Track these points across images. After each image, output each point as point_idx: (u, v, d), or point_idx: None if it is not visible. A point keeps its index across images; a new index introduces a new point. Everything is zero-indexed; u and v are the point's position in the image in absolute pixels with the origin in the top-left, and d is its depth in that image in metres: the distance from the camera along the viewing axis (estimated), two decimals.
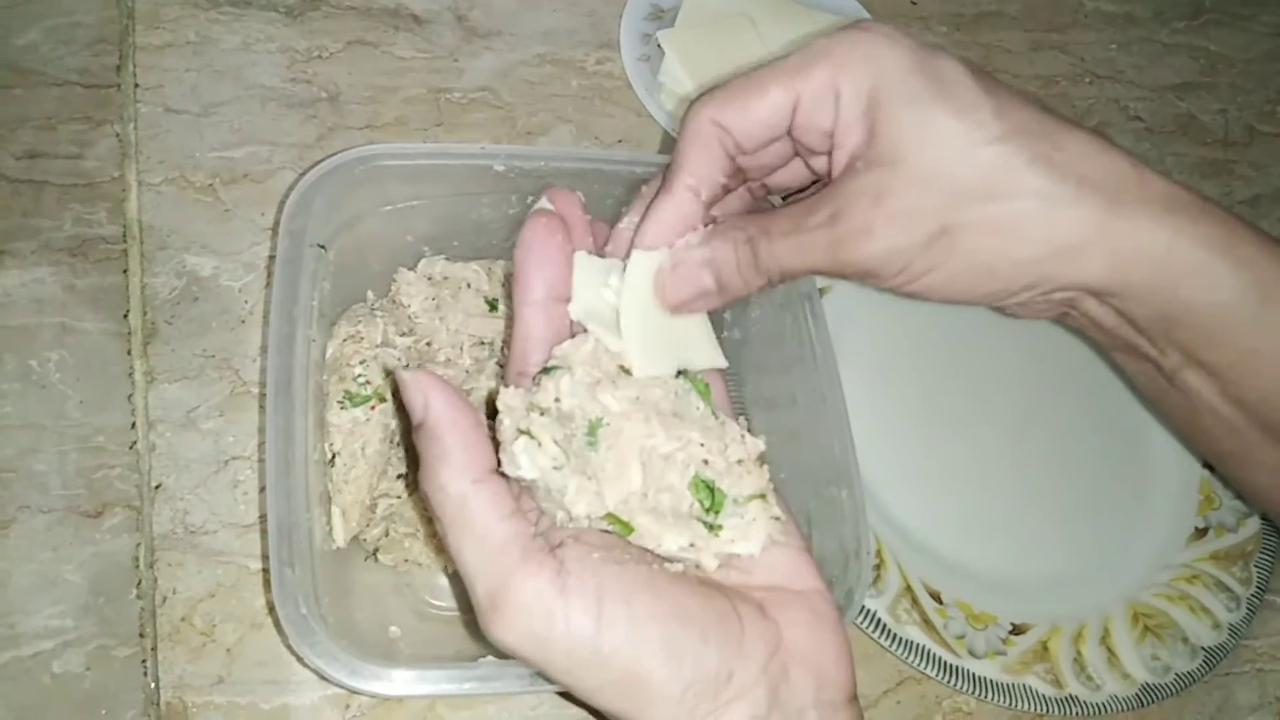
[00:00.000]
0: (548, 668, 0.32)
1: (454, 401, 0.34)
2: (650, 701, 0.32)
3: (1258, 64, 0.86)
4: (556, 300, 0.38)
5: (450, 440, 0.33)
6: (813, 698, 0.34)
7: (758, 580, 0.36)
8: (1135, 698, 0.57)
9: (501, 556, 0.32)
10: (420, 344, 0.53)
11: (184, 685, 0.49)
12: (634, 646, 0.32)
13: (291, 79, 0.64)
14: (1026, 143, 0.36)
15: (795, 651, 0.34)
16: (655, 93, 0.69)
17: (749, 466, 0.36)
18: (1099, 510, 0.63)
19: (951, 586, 0.58)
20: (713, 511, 0.35)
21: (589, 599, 0.32)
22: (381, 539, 0.51)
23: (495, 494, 0.33)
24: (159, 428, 0.53)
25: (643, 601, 0.32)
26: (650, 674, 0.32)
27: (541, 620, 0.31)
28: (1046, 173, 0.36)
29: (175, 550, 0.51)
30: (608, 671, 0.32)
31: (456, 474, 0.33)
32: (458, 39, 0.69)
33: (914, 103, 0.36)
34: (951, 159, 0.36)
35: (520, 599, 0.31)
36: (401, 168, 0.49)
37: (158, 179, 0.59)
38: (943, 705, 0.56)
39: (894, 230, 0.36)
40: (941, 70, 0.36)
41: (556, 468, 0.34)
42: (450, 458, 0.33)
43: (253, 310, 0.57)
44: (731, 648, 0.33)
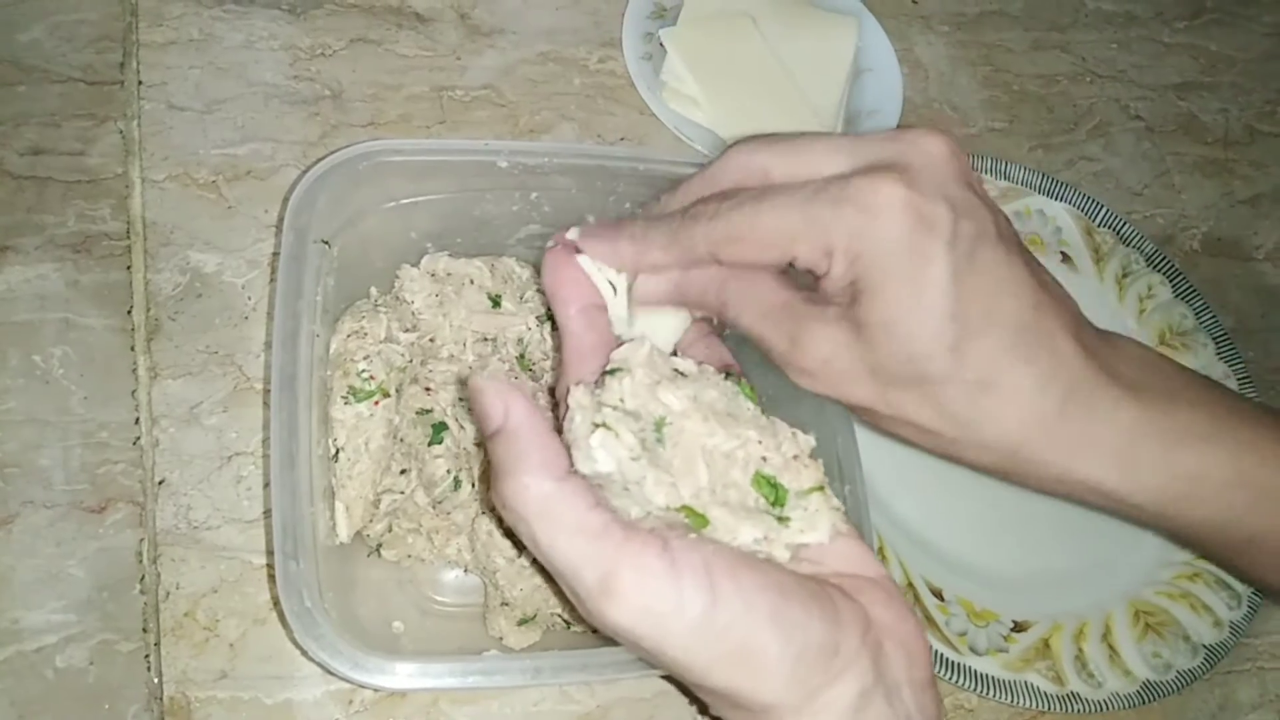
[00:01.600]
0: (664, 645, 0.32)
1: (532, 406, 0.34)
2: (765, 675, 0.32)
3: (1258, 64, 0.87)
4: (595, 309, 0.40)
5: (530, 442, 0.34)
6: (906, 674, 0.35)
7: (830, 569, 0.36)
8: (1136, 695, 0.57)
9: (604, 541, 0.32)
10: (424, 340, 0.53)
11: (187, 680, 0.49)
12: (747, 619, 0.32)
13: (295, 76, 0.64)
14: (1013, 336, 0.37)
15: (884, 629, 0.35)
16: (658, 91, 0.69)
17: (804, 460, 0.37)
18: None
19: (953, 584, 0.58)
20: (778, 505, 0.36)
21: (699, 573, 0.32)
22: (385, 534, 0.51)
23: (580, 488, 0.33)
24: (162, 423, 0.54)
25: (747, 575, 0.32)
26: (764, 646, 0.32)
27: (656, 597, 0.31)
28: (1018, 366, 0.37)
29: (179, 545, 0.51)
30: (723, 645, 0.32)
31: (539, 473, 0.33)
32: (460, 37, 0.69)
33: (903, 283, 0.36)
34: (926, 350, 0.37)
35: (633, 578, 0.31)
36: (405, 164, 0.49)
37: (161, 175, 0.59)
38: (945, 703, 0.56)
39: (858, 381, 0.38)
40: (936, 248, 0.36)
41: (634, 459, 0.35)
42: (530, 458, 0.33)
43: (256, 307, 0.57)
44: (832, 620, 0.33)
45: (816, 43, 0.73)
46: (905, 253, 0.36)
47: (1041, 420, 0.38)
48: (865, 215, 0.36)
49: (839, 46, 0.73)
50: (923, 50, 0.78)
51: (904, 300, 0.36)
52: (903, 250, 0.36)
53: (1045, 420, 0.38)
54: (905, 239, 0.36)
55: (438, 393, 0.52)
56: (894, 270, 0.36)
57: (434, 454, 0.51)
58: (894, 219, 0.36)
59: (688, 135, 0.68)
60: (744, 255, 0.38)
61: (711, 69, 0.69)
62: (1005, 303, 0.37)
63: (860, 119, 0.72)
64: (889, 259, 0.36)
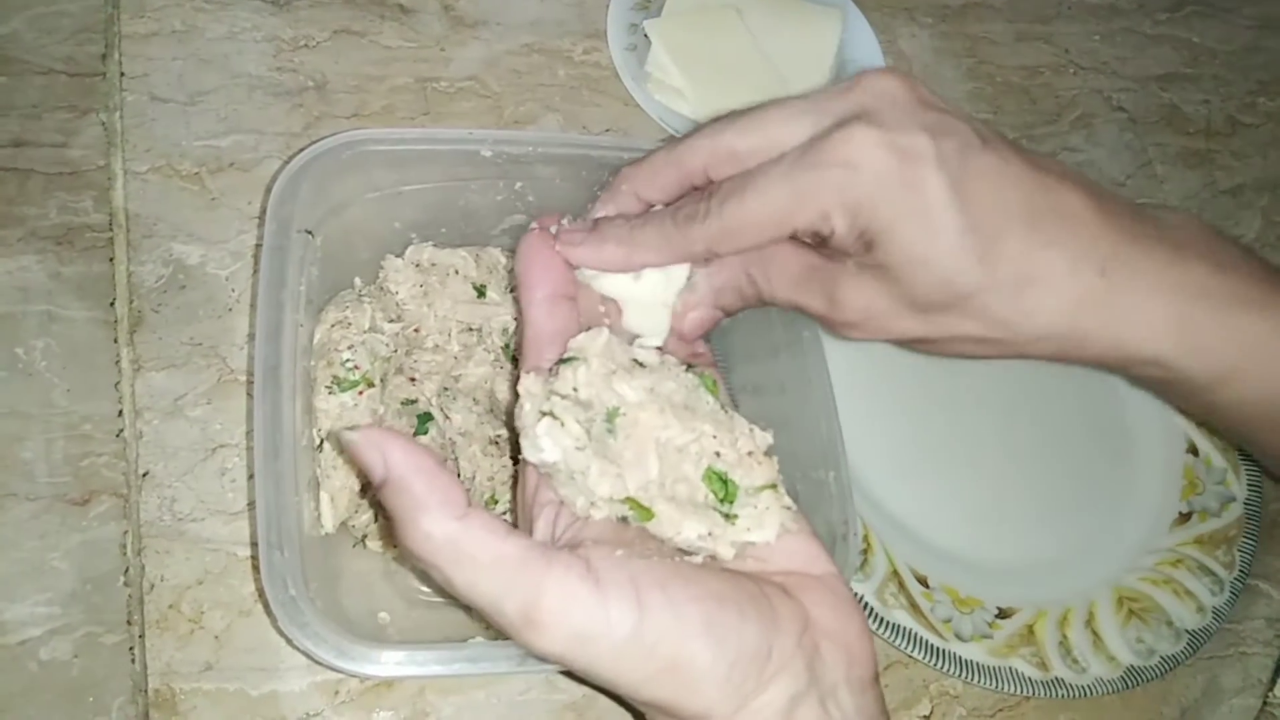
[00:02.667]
0: (594, 666, 0.32)
1: (411, 449, 0.32)
2: (697, 686, 0.32)
3: (1240, 55, 0.87)
4: (561, 298, 0.40)
5: (420, 487, 0.31)
6: (844, 674, 0.34)
7: (774, 567, 0.36)
8: (1120, 680, 0.57)
9: (526, 569, 0.31)
10: (408, 330, 0.53)
11: (172, 672, 0.49)
12: (677, 631, 0.31)
13: (278, 68, 0.64)
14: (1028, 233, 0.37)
15: (823, 629, 0.34)
16: (642, 82, 0.69)
17: (758, 458, 0.36)
18: (1084, 495, 0.64)
19: (938, 571, 0.58)
20: (727, 501, 0.35)
21: (625, 590, 0.31)
22: (370, 525, 0.51)
23: (484, 521, 0.32)
24: (146, 415, 0.53)
25: (677, 586, 0.32)
26: (695, 656, 0.31)
27: (582, 619, 0.31)
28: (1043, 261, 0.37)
29: (163, 538, 0.51)
30: (653, 661, 0.31)
31: (438, 516, 0.31)
32: (444, 28, 0.69)
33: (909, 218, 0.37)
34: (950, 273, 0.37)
35: (557, 603, 0.31)
36: (389, 153, 0.49)
37: (144, 167, 0.59)
38: (930, 688, 0.57)
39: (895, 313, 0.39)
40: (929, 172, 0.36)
41: (579, 448, 0.35)
42: (425, 503, 0.31)
43: (240, 298, 0.57)
44: (767, 624, 0.33)
45: (801, 34, 0.73)
46: (900, 189, 0.36)
47: (1085, 298, 0.38)
48: (848, 169, 0.36)
49: (823, 38, 0.73)
50: (907, 42, 0.79)
51: (916, 233, 0.36)
52: (896, 188, 0.36)
53: (1089, 296, 0.38)
54: (894, 176, 0.36)
55: (423, 383, 0.52)
56: (895, 210, 0.36)
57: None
58: (877, 162, 0.36)
59: (672, 126, 0.68)
60: (744, 244, 0.39)
61: (696, 60, 0.69)
62: (1011, 196, 0.37)
63: None
64: (886, 201, 0.36)
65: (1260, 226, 0.79)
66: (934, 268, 0.37)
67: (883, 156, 0.36)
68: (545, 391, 0.36)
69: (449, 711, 0.51)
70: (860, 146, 0.36)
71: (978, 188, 0.37)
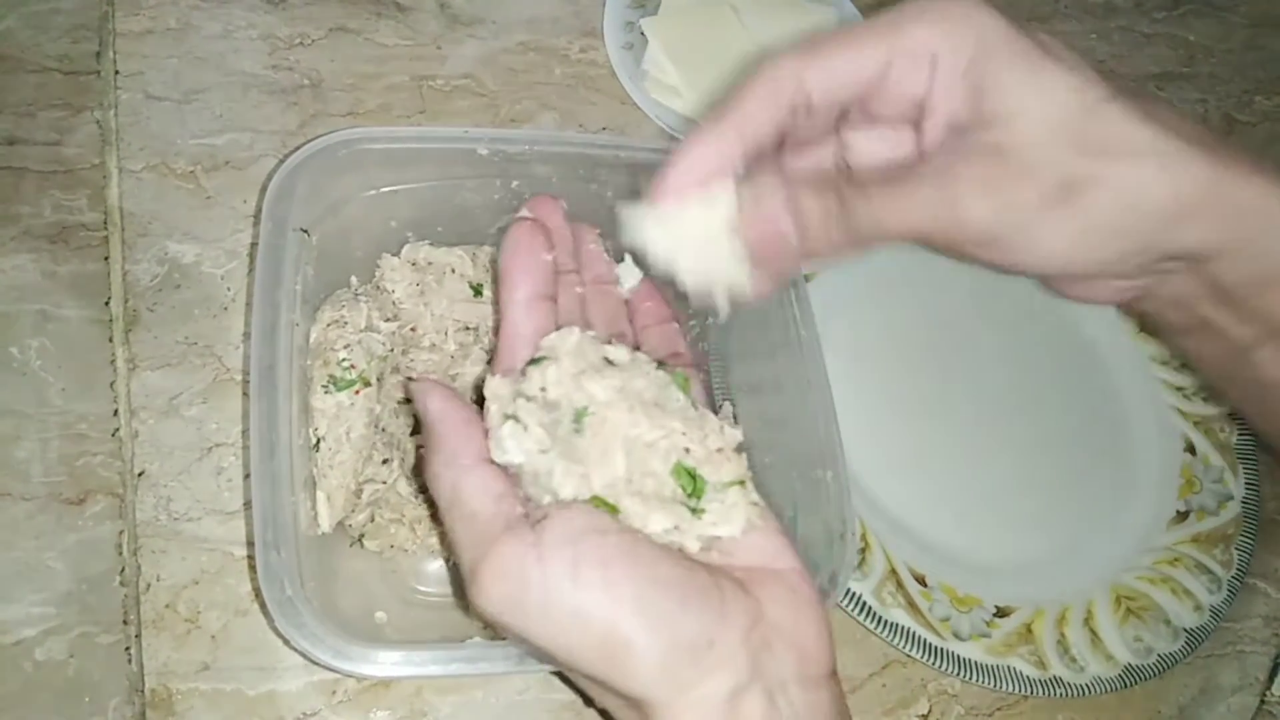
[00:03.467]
0: (527, 631, 0.33)
1: (449, 398, 0.37)
2: (632, 665, 0.32)
3: (1236, 54, 0.87)
4: (541, 299, 0.40)
5: (444, 431, 0.36)
6: (794, 671, 0.34)
7: (739, 562, 0.36)
8: (1118, 679, 0.57)
9: (486, 531, 0.34)
10: (405, 329, 0.52)
11: (168, 672, 0.49)
12: (610, 606, 0.32)
13: (273, 66, 0.64)
14: (1134, 103, 0.35)
15: (776, 626, 0.35)
16: (639, 80, 0.69)
17: (728, 454, 0.37)
18: (1082, 494, 0.64)
19: (936, 570, 0.58)
20: (694, 496, 0.36)
21: (565, 563, 0.32)
22: (367, 525, 0.51)
23: (484, 479, 0.35)
24: (141, 415, 0.53)
25: (620, 566, 0.33)
26: (629, 636, 0.32)
27: (517, 583, 0.32)
28: (1161, 132, 0.35)
29: (159, 537, 0.51)
30: (587, 634, 0.32)
31: (447, 462, 0.36)
32: (440, 26, 0.69)
33: (1024, 59, 0.35)
34: (1070, 114, 0.35)
35: (497, 565, 0.33)
36: (385, 151, 0.48)
37: (139, 166, 0.59)
38: (928, 688, 0.57)
39: (1015, 186, 0.35)
40: (1038, 35, 0.36)
41: (542, 451, 0.36)
42: (444, 447, 0.36)
43: (235, 298, 0.57)
44: (712, 616, 0.33)
45: (797, 32, 0.73)
46: (1020, 33, 0.35)
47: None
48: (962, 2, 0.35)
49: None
50: None
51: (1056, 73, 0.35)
52: (1017, 30, 0.35)
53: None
54: (1008, 20, 0.35)
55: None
56: (1024, 47, 0.35)
57: (417, 444, 0.51)
58: (989, 7, 0.35)
59: (669, 125, 0.67)
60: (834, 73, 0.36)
61: (693, 58, 0.69)
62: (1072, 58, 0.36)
63: None
64: (1011, 38, 0.35)
65: None
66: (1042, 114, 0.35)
67: (988, 7, 0.35)
68: (511, 394, 0.37)
69: (447, 711, 0.51)
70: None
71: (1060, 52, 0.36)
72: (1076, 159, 0.35)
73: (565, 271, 0.45)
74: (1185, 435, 0.66)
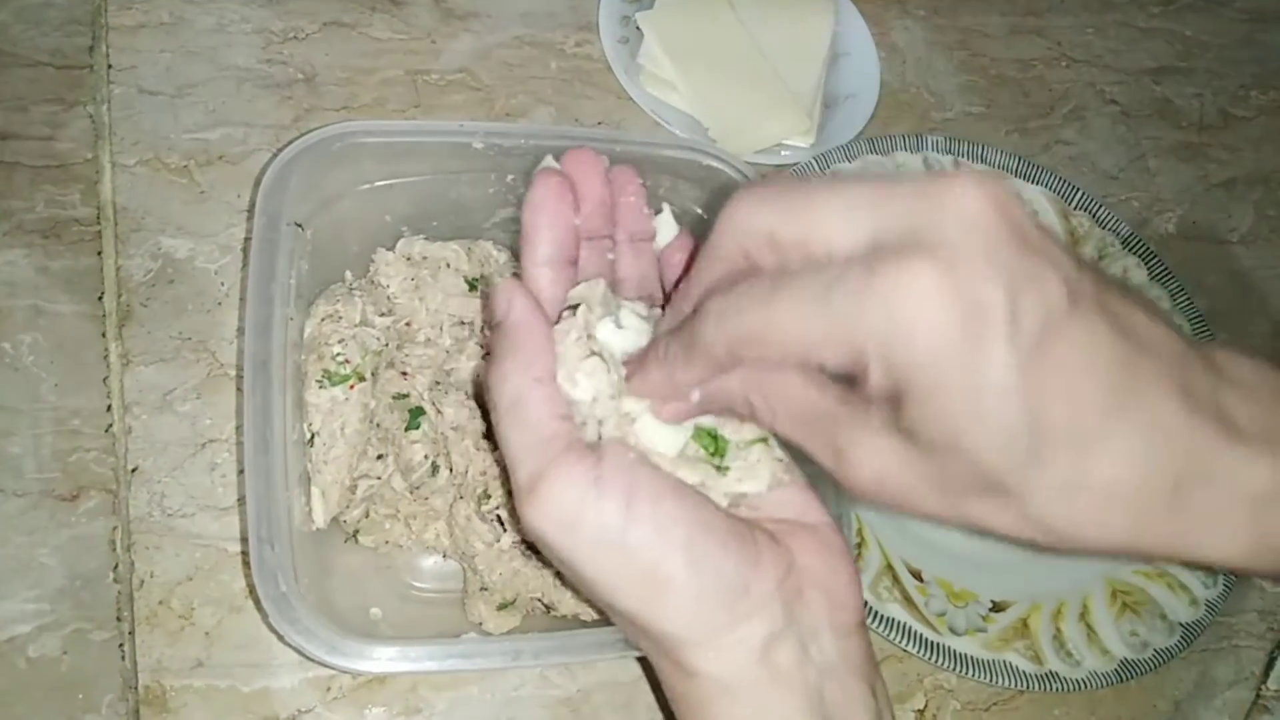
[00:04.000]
0: (573, 554, 0.33)
1: (536, 309, 0.36)
2: (668, 603, 0.33)
3: (1232, 49, 0.87)
4: (565, 263, 0.39)
5: (522, 338, 0.35)
6: (827, 619, 0.35)
7: (767, 515, 0.37)
8: (1114, 673, 0.57)
9: (547, 446, 0.33)
10: (400, 324, 0.52)
11: (162, 669, 0.48)
12: (658, 544, 0.33)
13: (267, 60, 0.64)
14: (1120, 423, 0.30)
15: (808, 575, 0.35)
16: (634, 75, 0.69)
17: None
18: None
19: (932, 564, 0.58)
20: (717, 455, 0.37)
21: (620, 493, 0.33)
22: (362, 520, 0.50)
23: (552, 395, 0.35)
24: (135, 410, 0.53)
25: (671, 504, 0.33)
26: (671, 574, 0.33)
27: (573, 505, 0.32)
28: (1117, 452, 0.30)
29: (152, 533, 0.51)
30: (631, 566, 0.33)
31: (521, 367, 0.35)
32: (435, 20, 0.68)
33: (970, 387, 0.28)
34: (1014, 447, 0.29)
35: (556, 485, 0.33)
36: (379, 145, 0.48)
37: (132, 160, 0.58)
38: (924, 682, 0.57)
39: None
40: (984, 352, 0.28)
41: (611, 398, 0.35)
42: (519, 353, 0.35)
43: (229, 292, 0.57)
44: (749, 562, 0.34)
45: (793, 27, 0.72)
46: (954, 357, 0.28)
47: (1151, 511, 0.31)
48: (897, 316, 0.28)
49: (816, 30, 0.73)
50: (899, 34, 0.78)
51: (961, 414, 0.29)
52: (951, 354, 0.28)
53: (1156, 510, 0.31)
54: (952, 339, 0.28)
55: (414, 377, 0.51)
56: (943, 380, 0.28)
57: (411, 439, 0.50)
58: (933, 316, 0.27)
59: (665, 119, 0.67)
60: (766, 357, 0.32)
61: (688, 53, 0.69)
62: (1085, 388, 0.29)
63: (838, 103, 0.72)
64: (934, 367, 0.28)
65: (1252, 220, 0.79)
66: (972, 457, 0.29)
67: (940, 311, 0.27)
68: (585, 330, 0.36)
69: (442, 707, 0.51)
70: (919, 291, 0.28)
71: (1050, 373, 0.28)
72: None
73: (596, 238, 0.41)
74: None
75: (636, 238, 0.42)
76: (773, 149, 0.68)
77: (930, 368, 0.28)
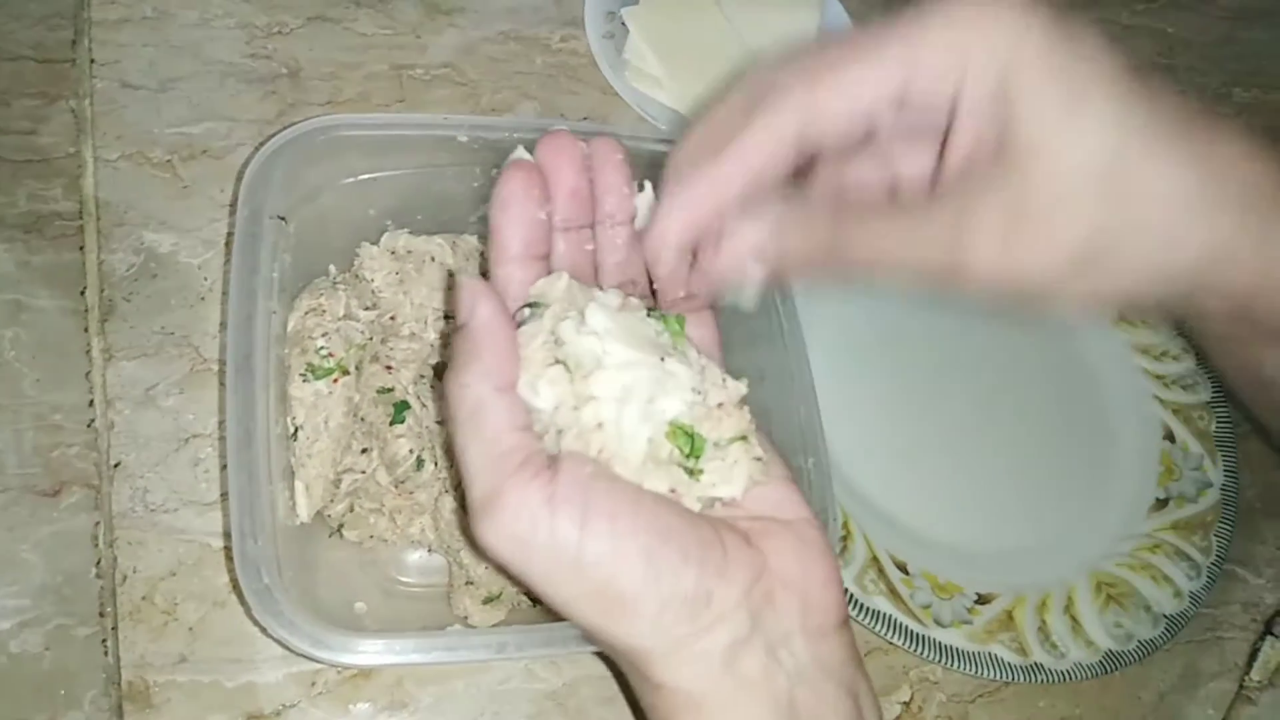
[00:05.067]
0: (528, 572, 0.33)
1: (501, 312, 0.34)
2: (627, 618, 0.33)
3: (1215, 47, 0.87)
4: (534, 258, 0.38)
5: (484, 345, 0.34)
6: (799, 623, 0.34)
7: (744, 512, 0.36)
8: (1099, 665, 0.57)
9: (502, 462, 0.33)
10: (384, 318, 0.52)
11: (145, 664, 0.48)
12: (614, 560, 0.32)
13: (251, 55, 0.63)
14: (1185, 140, 0.32)
15: (781, 578, 0.34)
16: (620, 70, 0.69)
17: (729, 410, 0.36)
18: (1062, 482, 0.64)
19: (917, 557, 0.58)
20: (693, 457, 0.35)
21: (575, 511, 0.32)
22: (346, 515, 0.50)
23: (512, 406, 0.34)
24: (117, 405, 0.53)
25: (627, 517, 0.33)
26: (626, 588, 0.32)
27: (527, 525, 0.32)
28: (1208, 175, 0.32)
29: (135, 529, 0.50)
30: (585, 582, 0.32)
31: (481, 377, 0.34)
32: (420, 15, 0.68)
33: (1061, 82, 0.31)
34: (1104, 156, 0.31)
35: (510, 503, 0.32)
36: (363, 138, 0.48)
37: (114, 155, 0.58)
38: (910, 675, 0.57)
39: (1035, 241, 0.32)
40: (1086, 47, 0.32)
41: (573, 408, 0.34)
42: (480, 361, 0.34)
43: (212, 287, 0.56)
44: (712, 570, 0.33)
45: (779, 22, 0.72)
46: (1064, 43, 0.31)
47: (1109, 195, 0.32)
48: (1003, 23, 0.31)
49: (801, 26, 0.72)
50: None
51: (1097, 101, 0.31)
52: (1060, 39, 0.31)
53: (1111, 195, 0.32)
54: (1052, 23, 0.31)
55: (399, 371, 0.51)
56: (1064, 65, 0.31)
57: (396, 433, 0.50)
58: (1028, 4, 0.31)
59: (650, 114, 0.67)
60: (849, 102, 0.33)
61: (674, 48, 0.69)
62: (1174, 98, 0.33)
63: None
64: (1051, 50, 0.31)
65: None
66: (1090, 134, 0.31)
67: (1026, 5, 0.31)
68: (551, 338, 0.35)
69: (428, 701, 0.50)
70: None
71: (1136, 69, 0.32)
72: (1105, 208, 0.32)
73: (573, 228, 0.40)
74: (1164, 423, 0.66)
75: (615, 220, 0.40)
76: None
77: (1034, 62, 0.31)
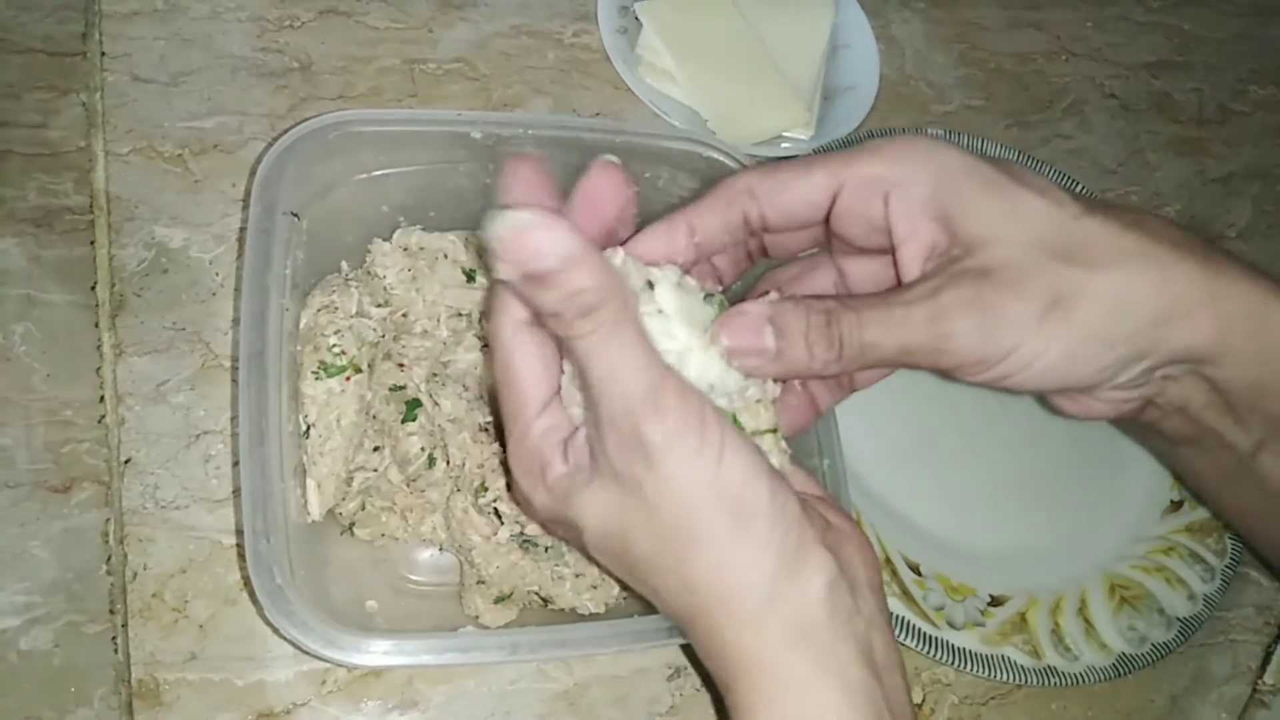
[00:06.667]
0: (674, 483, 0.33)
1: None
2: (753, 530, 0.33)
3: (1230, 43, 0.87)
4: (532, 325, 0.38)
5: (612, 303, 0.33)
6: (864, 576, 0.36)
7: None
8: (1112, 668, 0.57)
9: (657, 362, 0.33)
10: (396, 315, 0.52)
11: (155, 662, 0.48)
12: (750, 472, 0.33)
13: (262, 48, 0.63)
14: (1115, 213, 0.37)
15: (842, 533, 0.36)
16: (633, 65, 0.68)
17: (765, 405, 0.38)
18: (1076, 484, 0.63)
19: (930, 559, 0.58)
20: None
21: (716, 429, 0.33)
22: (358, 513, 0.50)
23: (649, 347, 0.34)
24: (128, 401, 0.52)
25: (752, 450, 0.34)
26: (756, 502, 0.33)
27: (689, 430, 0.32)
28: (1145, 236, 0.37)
29: (146, 525, 0.50)
30: (725, 499, 0.33)
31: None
32: (432, 9, 0.68)
33: (992, 187, 0.37)
34: (1050, 230, 0.37)
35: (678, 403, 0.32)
36: (376, 134, 0.48)
37: (125, 149, 0.58)
38: (922, 676, 0.57)
39: (1004, 304, 0.36)
40: (1005, 163, 0.38)
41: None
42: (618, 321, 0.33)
43: (224, 283, 0.56)
44: (803, 508, 0.35)
45: (793, 18, 0.72)
46: (980, 164, 0.37)
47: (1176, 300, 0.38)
48: (920, 141, 0.38)
49: (816, 22, 0.72)
50: (899, 27, 0.78)
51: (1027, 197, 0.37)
52: (976, 163, 0.37)
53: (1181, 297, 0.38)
54: (967, 155, 0.38)
55: (411, 369, 0.51)
56: (990, 177, 0.37)
57: (408, 431, 0.50)
58: (946, 145, 0.38)
59: (664, 110, 0.67)
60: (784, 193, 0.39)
61: (687, 44, 0.68)
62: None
63: (837, 95, 0.72)
64: (973, 170, 0.37)
65: (1250, 214, 0.79)
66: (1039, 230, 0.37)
67: (944, 145, 0.38)
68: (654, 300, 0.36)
69: (438, 701, 0.50)
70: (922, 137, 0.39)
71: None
72: (1063, 270, 0.36)
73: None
74: None
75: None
76: (772, 141, 0.68)
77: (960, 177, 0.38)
